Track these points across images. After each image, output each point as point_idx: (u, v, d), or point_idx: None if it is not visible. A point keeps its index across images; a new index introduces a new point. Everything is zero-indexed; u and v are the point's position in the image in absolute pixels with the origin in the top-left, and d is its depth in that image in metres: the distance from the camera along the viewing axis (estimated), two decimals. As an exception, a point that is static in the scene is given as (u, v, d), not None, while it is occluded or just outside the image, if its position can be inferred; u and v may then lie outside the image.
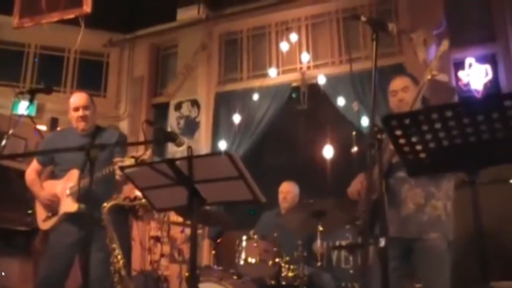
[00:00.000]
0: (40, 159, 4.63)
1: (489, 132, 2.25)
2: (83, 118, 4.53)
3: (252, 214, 6.61)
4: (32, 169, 4.65)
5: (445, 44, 3.38)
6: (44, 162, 4.64)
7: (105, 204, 4.11)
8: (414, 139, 2.38)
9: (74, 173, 4.37)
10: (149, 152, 3.77)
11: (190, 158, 2.57)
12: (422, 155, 2.43)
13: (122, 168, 2.87)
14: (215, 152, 6.75)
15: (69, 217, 4.36)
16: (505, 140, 2.26)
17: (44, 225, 4.51)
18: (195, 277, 3.45)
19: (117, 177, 4.19)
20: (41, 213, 4.54)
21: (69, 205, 4.35)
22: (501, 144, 2.28)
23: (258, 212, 6.51)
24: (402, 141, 2.40)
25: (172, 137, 2.93)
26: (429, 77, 3.30)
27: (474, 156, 2.35)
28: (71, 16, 5.94)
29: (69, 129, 4.75)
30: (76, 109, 4.54)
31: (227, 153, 2.57)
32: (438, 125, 2.30)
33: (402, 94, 3.72)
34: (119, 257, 4.00)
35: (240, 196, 2.72)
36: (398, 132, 2.37)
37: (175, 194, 2.82)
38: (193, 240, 2.84)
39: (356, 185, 3.83)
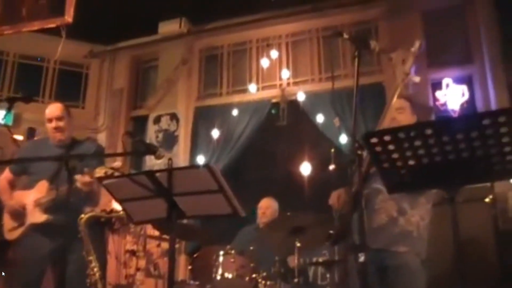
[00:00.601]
0: (13, 168, 4.56)
1: (468, 150, 2.28)
2: (58, 129, 4.47)
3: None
4: (3, 177, 4.58)
5: (416, 45, 3.41)
6: (16, 172, 4.57)
7: (82, 216, 4.06)
8: (394, 156, 2.39)
9: (43, 184, 4.31)
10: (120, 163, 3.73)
11: (171, 170, 2.55)
12: (402, 171, 2.45)
13: (100, 179, 2.83)
14: (195, 165, 6.72)
15: (38, 229, 4.28)
16: (484, 159, 2.29)
17: (10, 235, 4.42)
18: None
19: (79, 185, 4.05)
20: (8, 223, 4.46)
21: (36, 216, 4.27)
22: (480, 162, 2.30)
23: (236, 228, 6.49)
24: (382, 157, 2.41)
25: (152, 150, 2.90)
26: (402, 76, 3.33)
27: (454, 174, 2.37)
28: (52, 25, 5.87)
29: (45, 140, 4.68)
30: (50, 120, 4.51)
31: (207, 166, 2.56)
32: (418, 143, 2.32)
33: (395, 114, 3.70)
34: (95, 269, 3.96)
35: (219, 210, 2.71)
36: (378, 149, 2.39)
37: (154, 206, 2.80)
38: (172, 254, 2.82)
39: (338, 192, 3.81)
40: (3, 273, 5.44)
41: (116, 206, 6.58)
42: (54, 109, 4.57)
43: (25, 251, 4.33)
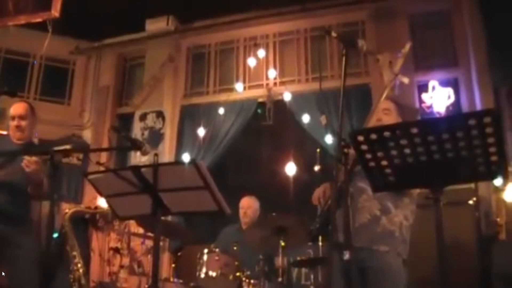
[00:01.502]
0: None
1: (453, 151, 2.29)
2: (19, 127, 4.47)
3: None
4: None
5: (407, 47, 3.42)
6: None
7: (67, 211, 4.04)
8: (379, 155, 2.40)
9: None
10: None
11: (156, 165, 2.55)
12: (387, 170, 2.46)
13: (86, 174, 2.82)
14: (181, 161, 6.70)
15: None
16: (469, 159, 2.30)
17: None
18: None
19: (27, 169, 3.99)
20: None
21: None
22: (466, 162, 2.32)
23: (217, 228, 6.49)
24: (368, 156, 2.42)
25: (138, 145, 2.90)
26: (391, 76, 3.34)
27: (439, 174, 2.39)
28: (39, 19, 5.83)
29: (4, 137, 4.67)
30: (13, 118, 4.50)
31: (193, 162, 2.56)
32: (403, 142, 2.34)
33: (381, 115, 3.70)
34: (79, 265, 3.95)
35: (204, 206, 2.70)
36: (364, 147, 2.40)
37: (139, 202, 2.79)
38: (156, 250, 2.81)
39: (319, 191, 3.81)
40: (3, 273, 5.40)
41: (101, 203, 6.60)
42: (17, 107, 4.56)
43: None
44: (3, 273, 5.01)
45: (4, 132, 7.20)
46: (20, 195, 4.26)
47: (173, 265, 6.43)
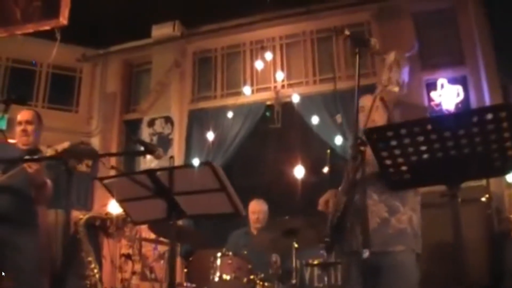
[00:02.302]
0: None
1: (470, 146, 2.28)
2: (25, 132, 4.53)
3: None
4: None
5: (391, 56, 3.39)
6: None
7: (81, 217, 4.04)
8: (396, 152, 2.40)
9: None
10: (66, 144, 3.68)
11: (172, 168, 2.54)
12: (403, 168, 2.45)
13: (101, 179, 2.81)
14: (197, 163, 6.69)
15: None
16: (485, 154, 2.29)
17: None
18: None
19: (29, 170, 4.02)
20: None
21: None
22: (482, 157, 2.31)
23: (225, 232, 6.49)
24: (384, 153, 2.41)
25: (151, 149, 2.88)
26: (380, 87, 3.34)
27: (456, 170, 2.37)
28: (47, 27, 5.85)
29: (9, 144, 4.79)
30: (20, 123, 4.58)
31: (209, 163, 2.54)
32: (420, 138, 2.33)
33: (375, 112, 3.72)
34: (95, 270, 3.94)
35: (220, 208, 2.69)
36: (381, 145, 2.39)
37: (153, 206, 2.78)
38: (172, 254, 2.81)
39: (326, 197, 3.82)
40: (3, 273, 5.39)
41: (111, 209, 6.60)
42: (25, 113, 4.65)
43: None
44: (3, 273, 5.02)
45: (13, 141, 7.24)
46: (22, 198, 4.28)
47: (185, 270, 6.43)
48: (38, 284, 4.10)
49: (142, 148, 3.11)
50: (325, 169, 6.18)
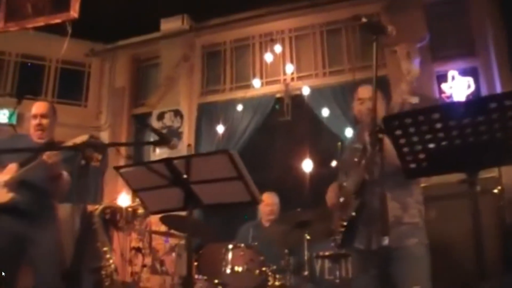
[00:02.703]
0: None
1: (488, 133, 2.26)
2: (40, 126, 4.47)
3: (246, 218, 6.55)
4: None
5: (414, 71, 3.36)
6: None
7: (96, 207, 4.03)
8: (414, 139, 2.38)
9: (12, 167, 4.28)
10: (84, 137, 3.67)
11: (189, 157, 2.53)
12: (421, 156, 2.43)
13: (117, 168, 2.81)
14: (214, 151, 6.69)
15: (4, 209, 4.23)
16: (503, 141, 2.27)
17: None
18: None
19: (49, 160, 4.03)
20: None
21: (2, 196, 4.23)
22: (500, 144, 2.29)
23: (233, 226, 6.50)
24: (402, 141, 2.40)
25: (166, 139, 2.88)
26: (399, 100, 3.31)
27: (474, 157, 2.36)
28: (58, 20, 5.84)
29: (25, 136, 4.68)
30: (35, 116, 4.50)
31: (227, 151, 2.53)
32: (438, 125, 2.31)
33: (369, 103, 3.73)
34: (111, 261, 3.94)
35: (237, 197, 2.68)
36: (399, 132, 2.37)
37: (170, 196, 2.77)
38: (189, 245, 2.80)
39: (333, 192, 3.91)
40: (3, 273, 5.40)
41: (121, 202, 6.60)
42: (39, 106, 4.57)
43: None
44: (3, 273, 5.01)
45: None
46: (40, 192, 4.29)
47: (195, 263, 6.43)
48: (55, 279, 4.10)
49: (153, 138, 3.11)
50: (334, 163, 6.18)
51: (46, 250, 4.20)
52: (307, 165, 6.99)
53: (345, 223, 3.66)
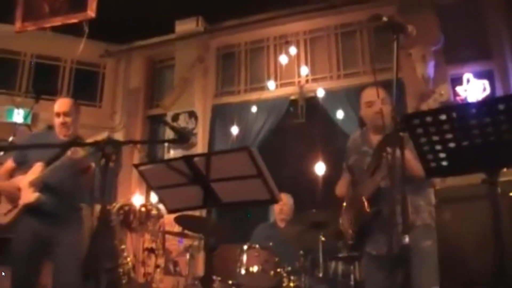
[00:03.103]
0: (15, 157, 4.53)
1: (510, 132, 2.25)
2: (64, 124, 4.47)
3: (249, 217, 6.57)
4: (4, 167, 4.57)
5: (445, 91, 3.31)
6: (18, 161, 4.52)
7: (114, 204, 4.05)
8: (434, 138, 2.37)
9: (38, 166, 4.28)
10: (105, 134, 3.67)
11: (209, 154, 2.53)
12: (442, 155, 2.42)
13: (136, 166, 2.81)
14: (235, 148, 6.70)
15: (30, 210, 4.25)
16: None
17: (4, 219, 4.37)
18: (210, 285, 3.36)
19: (74, 156, 4.01)
20: (3, 206, 4.42)
21: (29, 196, 4.25)
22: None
23: (248, 227, 6.50)
24: (422, 139, 2.39)
25: (185, 137, 2.88)
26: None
27: (495, 156, 2.35)
28: (75, 20, 5.88)
29: (50, 132, 4.69)
30: (58, 114, 4.50)
31: (247, 148, 2.52)
32: (459, 124, 2.30)
33: (381, 105, 3.75)
34: (128, 259, 3.95)
35: (257, 195, 2.67)
36: (419, 131, 2.37)
37: (188, 194, 2.77)
38: (207, 244, 2.80)
39: (344, 185, 4.00)
40: (3, 273, 5.41)
41: (135, 201, 6.62)
42: (61, 104, 4.57)
43: (17, 234, 4.30)
44: (3, 273, 5.02)
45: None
46: (65, 193, 4.28)
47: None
48: (76, 280, 4.12)
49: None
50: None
51: (70, 251, 4.20)
52: (320, 167, 6.97)
53: (357, 229, 3.71)
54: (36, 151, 4.41)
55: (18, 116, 8.08)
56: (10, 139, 5.31)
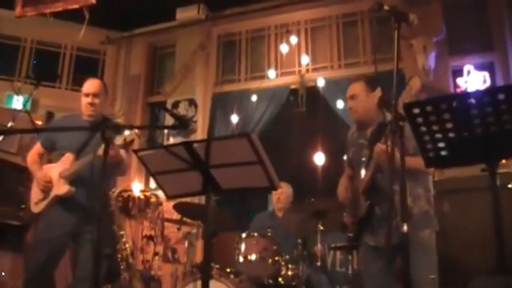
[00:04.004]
0: (43, 143, 4.57)
1: (511, 122, 2.25)
2: (92, 105, 4.47)
3: (251, 216, 6.58)
4: (34, 150, 4.62)
5: (415, 81, 3.30)
6: (47, 146, 4.57)
7: (113, 190, 4.04)
8: (434, 128, 2.37)
9: (68, 157, 4.32)
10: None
11: (209, 140, 2.53)
12: (441, 144, 2.42)
13: (136, 151, 2.81)
14: (234, 134, 6.70)
15: (61, 201, 4.29)
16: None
17: (35, 208, 4.42)
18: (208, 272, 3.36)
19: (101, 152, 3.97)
20: (35, 195, 4.46)
21: (60, 188, 4.28)
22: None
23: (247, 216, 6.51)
24: (422, 129, 2.39)
25: (185, 123, 2.88)
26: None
27: (495, 146, 2.34)
28: (76, 6, 5.87)
29: (76, 116, 4.66)
30: (87, 95, 4.50)
31: (246, 135, 2.52)
32: (460, 114, 2.30)
33: (350, 102, 3.89)
34: (127, 245, 3.95)
35: (256, 182, 2.67)
36: (419, 120, 2.36)
37: (188, 180, 2.77)
38: (206, 232, 2.80)
39: (344, 187, 3.99)
40: (3, 273, 5.42)
41: (134, 188, 6.62)
42: (91, 84, 4.57)
43: (45, 225, 4.31)
44: (3, 273, 5.02)
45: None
46: (96, 186, 4.18)
47: (208, 252, 6.42)
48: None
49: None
50: (345, 157, 6.16)
51: (91, 245, 4.13)
52: (320, 157, 6.98)
53: (356, 221, 3.74)
54: (64, 137, 4.45)
55: (17, 102, 8.07)
56: (9, 124, 5.26)
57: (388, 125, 2.65)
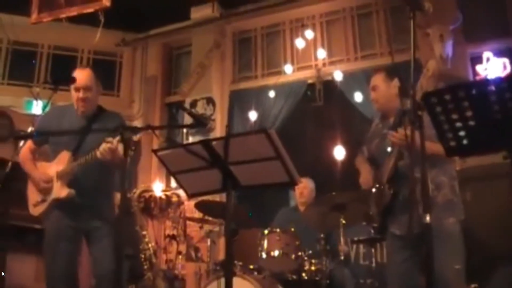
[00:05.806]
0: (35, 138, 4.26)
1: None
2: (83, 99, 4.14)
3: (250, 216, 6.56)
4: (26, 147, 4.29)
5: (431, 63, 3.31)
6: (38, 141, 4.29)
7: (135, 191, 4.04)
8: (454, 116, 2.34)
9: (65, 155, 4.06)
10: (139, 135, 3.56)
11: (228, 137, 2.53)
12: (461, 133, 2.39)
13: (155, 151, 2.82)
14: (252, 130, 6.70)
15: (61, 205, 4.06)
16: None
17: (34, 210, 4.19)
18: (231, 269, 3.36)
19: (99, 155, 3.74)
20: (32, 196, 4.23)
21: (59, 190, 4.04)
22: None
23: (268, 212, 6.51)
24: (442, 117, 2.36)
25: (203, 122, 2.88)
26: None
27: (516, 133, 2.31)
28: (90, 10, 5.90)
29: (70, 107, 4.30)
30: (77, 89, 4.16)
31: (264, 130, 2.51)
32: (478, 101, 2.27)
33: (372, 93, 3.95)
34: (149, 244, 3.96)
35: (275, 178, 2.67)
36: (438, 109, 2.34)
37: (208, 178, 2.78)
38: (227, 228, 2.81)
39: (366, 175, 3.98)
40: (3, 273, 5.43)
41: (155, 189, 6.65)
42: (81, 77, 4.20)
43: (51, 230, 4.09)
44: (3, 273, 5.00)
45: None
46: (96, 185, 4.12)
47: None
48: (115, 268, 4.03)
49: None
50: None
51: (105, 243, 4.03)
52: (340, 150, 6.95)
53: (381, 211, 3.72)
54: (57, 128, 4.19)
55: (37, 107, 8.12)
56: (29, 129, 5.26)
57: (407, 113, 2.64)
